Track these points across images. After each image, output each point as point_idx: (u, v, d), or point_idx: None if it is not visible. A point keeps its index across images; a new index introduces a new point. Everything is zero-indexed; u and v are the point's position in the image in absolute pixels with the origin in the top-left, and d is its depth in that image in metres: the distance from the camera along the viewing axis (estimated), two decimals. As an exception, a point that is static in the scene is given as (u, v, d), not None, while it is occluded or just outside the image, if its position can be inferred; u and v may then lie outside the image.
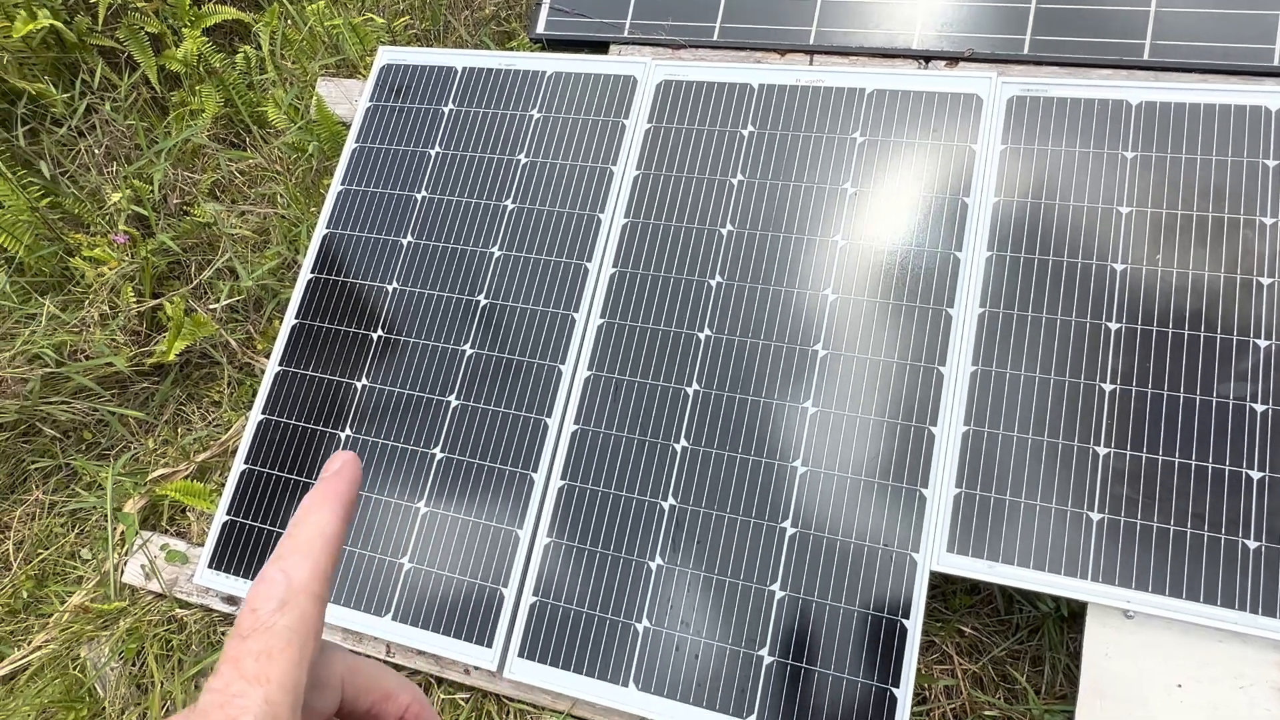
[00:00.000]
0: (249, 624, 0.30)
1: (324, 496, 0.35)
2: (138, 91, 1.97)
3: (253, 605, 0.30)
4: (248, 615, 0.30)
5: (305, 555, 0.32)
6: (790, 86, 1.36)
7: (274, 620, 0.30)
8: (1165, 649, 1.05)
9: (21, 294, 1.75)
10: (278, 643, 0.29)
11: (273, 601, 0.30)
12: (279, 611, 0.30)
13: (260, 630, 0.29)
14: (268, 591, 0.31)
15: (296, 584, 0.31)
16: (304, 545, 0.33)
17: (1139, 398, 1.11)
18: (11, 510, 1.65)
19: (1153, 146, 1.20)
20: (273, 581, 0.31)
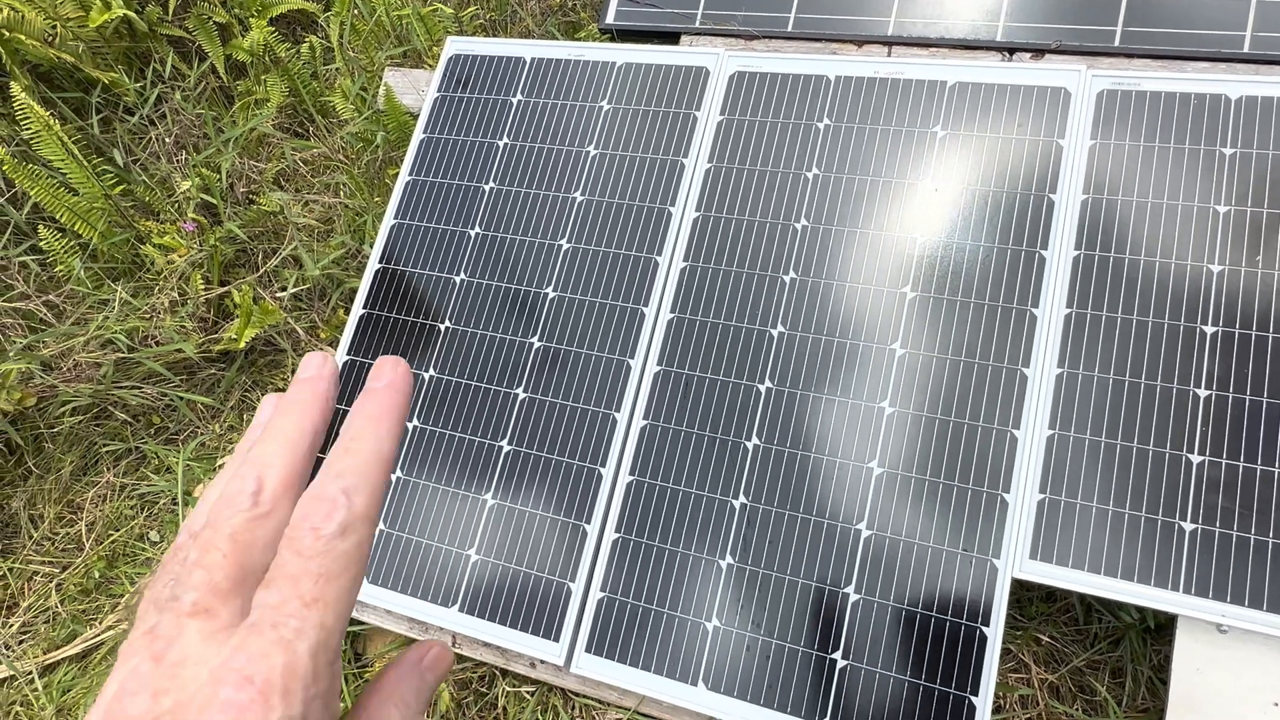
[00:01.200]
0: (310, 544, 0.29)
1: (382, 412, 0.33)
2: (206, 81, 1.99)
3: (313, 524, 0.29)
4: (309, 534, 0.29)
5: (365, 479, 0.31)
6: (868, 79, 1.33)
7: (334, 545, 0.29)
8: (1261, 665, 1.02)
9: (95, 280, 1.78)
10: (336, 567, 0.29)
11: (334, 524, 0.29)
12: (340, 536, 0.29)
13: (321, 553, 0.29)
14: (330, 513, 0.30)
15: (358, 510, 0.30)
16: (363, 467, 0.32)
17: (1236, 404, 1.07)
18: (84, 492, 1.69)
19: (1253, 143, 1.15)
20: (335, 503, 0.30)
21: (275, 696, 0.26)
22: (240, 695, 0.25)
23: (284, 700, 0.26)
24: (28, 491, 1.70)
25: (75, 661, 1.51)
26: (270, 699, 0.26)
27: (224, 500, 0.30)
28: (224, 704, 0.25)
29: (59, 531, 1.67)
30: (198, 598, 0.28)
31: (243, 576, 0.29)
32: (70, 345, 1.69)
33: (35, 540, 1.65)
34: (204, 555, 0.29)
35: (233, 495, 0.30)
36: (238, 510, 0.30)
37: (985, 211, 1.22)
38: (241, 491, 0.30)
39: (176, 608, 0.28)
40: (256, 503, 0.30)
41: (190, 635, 0.27)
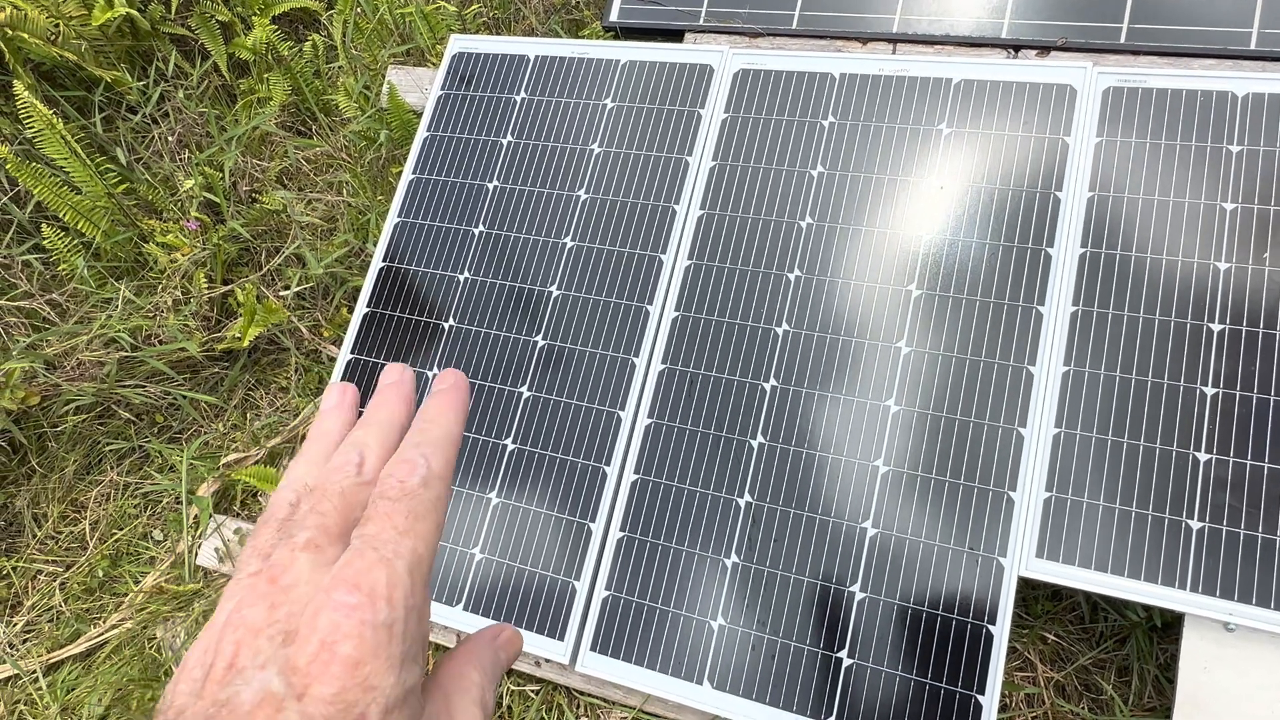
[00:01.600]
0: (397, 490, 0.33)
1: (449, 404, 0.38)
2: (208, 79, 1.99)
3: (399, 477, 0.34)
4: (394, 484, 0.34)
5: (439, 448, 0.36)
6: (873, 76, 1.33)
7: (419, 493, 0.34)
8: (1269, 663, 1.01)
9: (98, 278, 1.78)
10: (421, 509, 0.33)
11: (418, 477, 0.34)
12: (423, 486, 0.34)
13: (409, 496, 0.33)
14: (411, 469, 0.34)
15: (436, 469, 0.35)
16: (438, 440, 0.36)
17: (1244, 402, 1.07)
18: (88, 490, 1.68)
19: (1260, 140, 1.15)
20: (415, 463, 0.35)
21: (381, 601, 0.30)
22: (350, 598, 0.29)
23: (388, 604, 0.30)
24: (31, 490, 1.70)
25: (79, 660, 1.51)
26: (376, 602, 0.29)
27: (332, 468, 0.35)
28: (336, 604, 0.29)
29: (62, 530, 1.67)
30: (311, 535, 0.32)
31: (347, 527, 0.33)
32: (74, 344, 1.69)
33: (39, 539, 1.65)
34: (317, 504, 0.34)
35: (340, 464, 0.35)
36: (346, 476, 0.35)
37: (991, 209, 1.22)
38: (348, 462, 0.35)
39: (291, 543, 0.32)
40: (360, 472, 0.35)
41: (301, 563, 0.31)
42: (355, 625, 0.29)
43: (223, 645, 0.30)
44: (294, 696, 0.28)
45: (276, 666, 0.28)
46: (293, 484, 0.36)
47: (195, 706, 0.29)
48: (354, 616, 0.29)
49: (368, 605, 0.29)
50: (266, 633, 0.29)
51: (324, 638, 0.28)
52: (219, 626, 0.30)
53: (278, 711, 0.27)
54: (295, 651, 0.29)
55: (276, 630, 0.29)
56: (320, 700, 0.28)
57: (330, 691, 0.28)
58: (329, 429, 0.40)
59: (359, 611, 0.29)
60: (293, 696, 0.28)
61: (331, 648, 0.28)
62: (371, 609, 0.29)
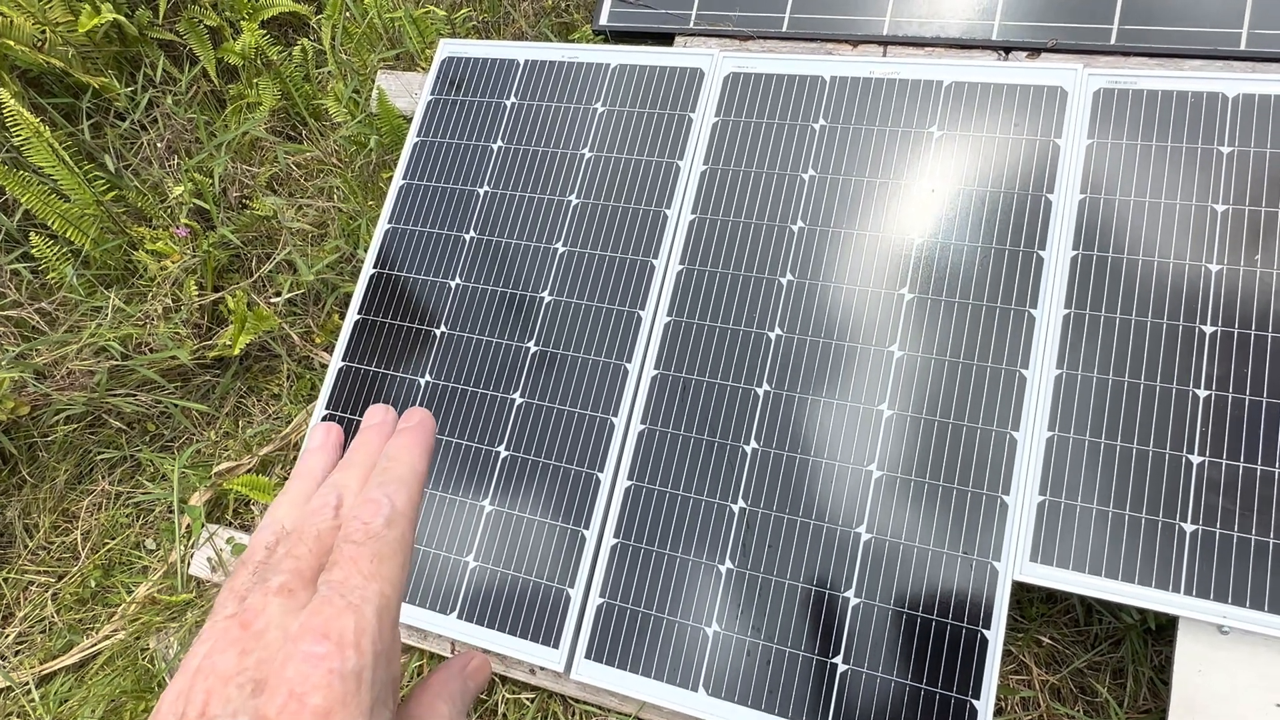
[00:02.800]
0: (362, 533, 0.34)
1: (413, 441, 0.39)
2: (197, 85, 1.98)
3: (363, 519, 0.35)
4: (359, 526, 0.34)
5: (404, 486, 0.37)
6: (864, 79, 1.33)
7: (383, 533, 0.34)
8: (1262, 666, 1.01)
9: (88, 287, 1.77)
10: (387, 550, 0.34)
11: (381, 518, 0.35)
12: (386, 527, 0.35)
13: (373, 539, 0.34)
14: (376, 510, 0.35)
15: (399, 507, 0.36)
16: (402, 477, 0.37)
17: (1236, 404, 1.07)
18: (79, 500, 1.68)
19: (1251, 141, 1.15)
20: (379, 503, 0.35)
21: (349, 649, 0.30)
22: (318, 648, 0.30)
23: (356, 652, 0.30)
24: (22, 500, 1.69)
25: (72, 671, 1.50)
26: (344, 650, 0.30)
27: (310, 511, 0.36)
28: (305, 655, 0.29)
29: (54, 540, 1.66)
30: (285, 580, 0.33)
31: (320, 569, 0.34)
32: (63, 353, 1.68)
33: (30, 549, 1.64)
34: (293, 548, 0.34)
35: (318, 507, 0.36)
36: (323, 518, 0.36)
37: (982, 212, 1.22)
38: (326, 505, 0.36)
39: (265, 588, 0.33)
40: (337, 515, 0.36)
41: (273, 609, 0.32)
42: (323, 675, 0.29)
43: (194, 693, 0.30)
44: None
45: (247, 716, 0.29)
46: (272, 525, 0.37)
47: None
48: (322, 666, 0.29)
49: (336, 654, 0.30)
50: (236, 680, 0.30)
51: (293, 688, 0.29)
52: (191, 673, 0.31)
53: None
54: (265, 702, 0.29)
55: (246, 679, 0.30)
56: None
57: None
58: (312, 468, 0.40)
59: (327, 661, 0.29)
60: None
61: (301, 699, 0.29)
62: (340, 657, 0.30)
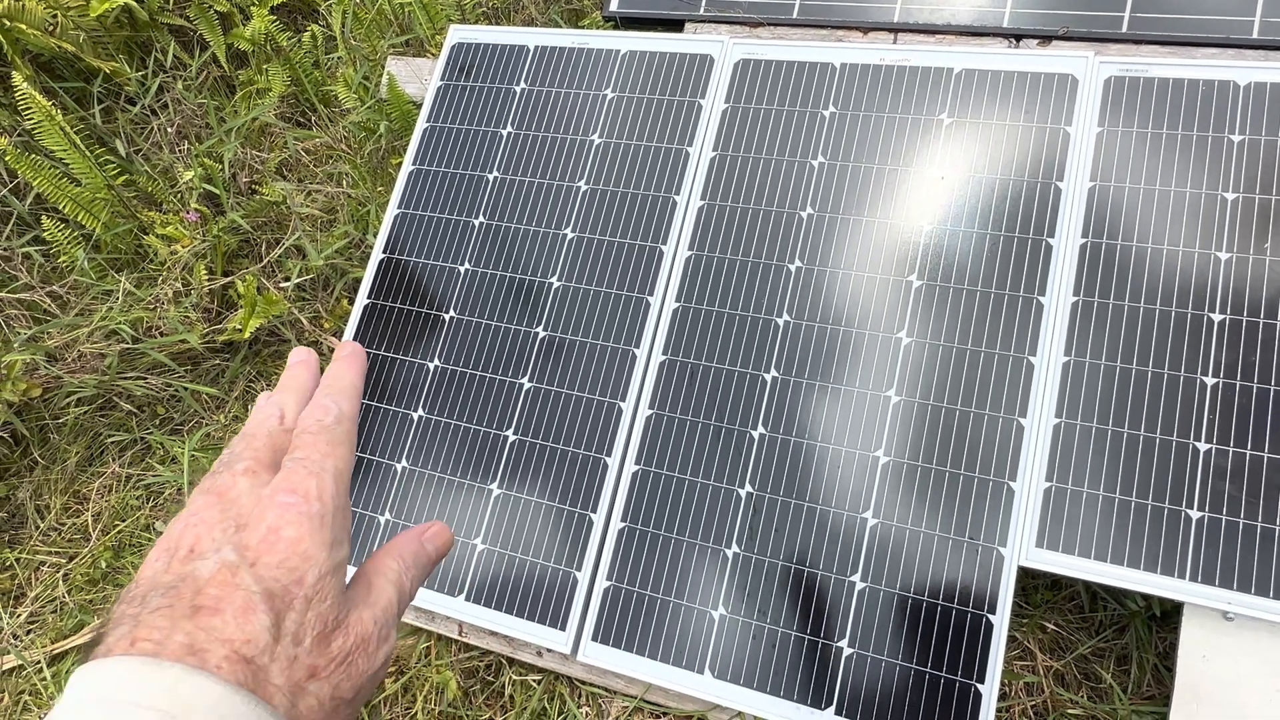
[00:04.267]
0: (316, 426, 0.42)
1: (350, 365, 0.48)
2: (207, 70, 1.99)
3: (316, 417, 0.43)
4: (313, 422, 0.42)
5: (345, 395, 0.45)
6: (874, 66, 1.33)
7: (335, 426, 0.43)
8: (1267, 653, 1.02)
9: (99, 271, 1.78)
10: (338, 438, 0.42)
11: (330, 417, 0.43)
12: (336, 424, 0.43)
13: (326, 430, 0.42)
14: (326, 411, 0.43)
15: (345, 410, 0.44)
16: (344, 389, 0.46)
17: (1244, 392, 1.07)
18: (90, 482, 1.69)
19: (1262, 130, 1.14)
20: (328, 407, 0.44)
21: (313, 499, 0.38)
22: (289, 499, 0.37)
23: (319, 501, 0.38)
24: (34, 482, 1.70)
25: (83, 651, 1.52)
26: (310, 500, 0.38)
27: (258, 421, 0.44)
28: (278, 503, 0.37)
29: (65, 522, 1.67)
30: (248, 464, 0.40)
31: (276, 460, 0.41)
32: (74, 336, 1.69)
33: (42, 531, 1.66)
34: (249, 444, 0.42)
35: (264, 418, 0.44)
36: (272, 425, 0.44)
37: (991, 200, 1.22)
38: (270, 416, 0.44)
39: (231, 471, 0.40)
40: (282, 422, 0.44)
41: (242, 483, 0.39)
42: (295, 515, 0.37)
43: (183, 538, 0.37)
44: (247, 564, 0.35)
45: (231, 546, 0.36)
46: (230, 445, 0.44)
47: (162, 579, 0.35)
48: (293, 510, 0.37)
49: (303, 502, 0.37)
50: (220, 525, 0.37)
51: (270, 525, 0.36)
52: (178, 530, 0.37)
53: (233, 575, 0.35)
54: (247, 535, 0.36)
55: (229, 524, 0.37)
56: (268, 565, 0.36)
57: (276, 559, 0.36)
58: None
59: (296, 507, 0.37)
60: (246, 564, 0.35)
61: (276, 531, 0.36)
62: (306, 505, 0.37)
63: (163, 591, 0.34)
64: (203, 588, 0.34)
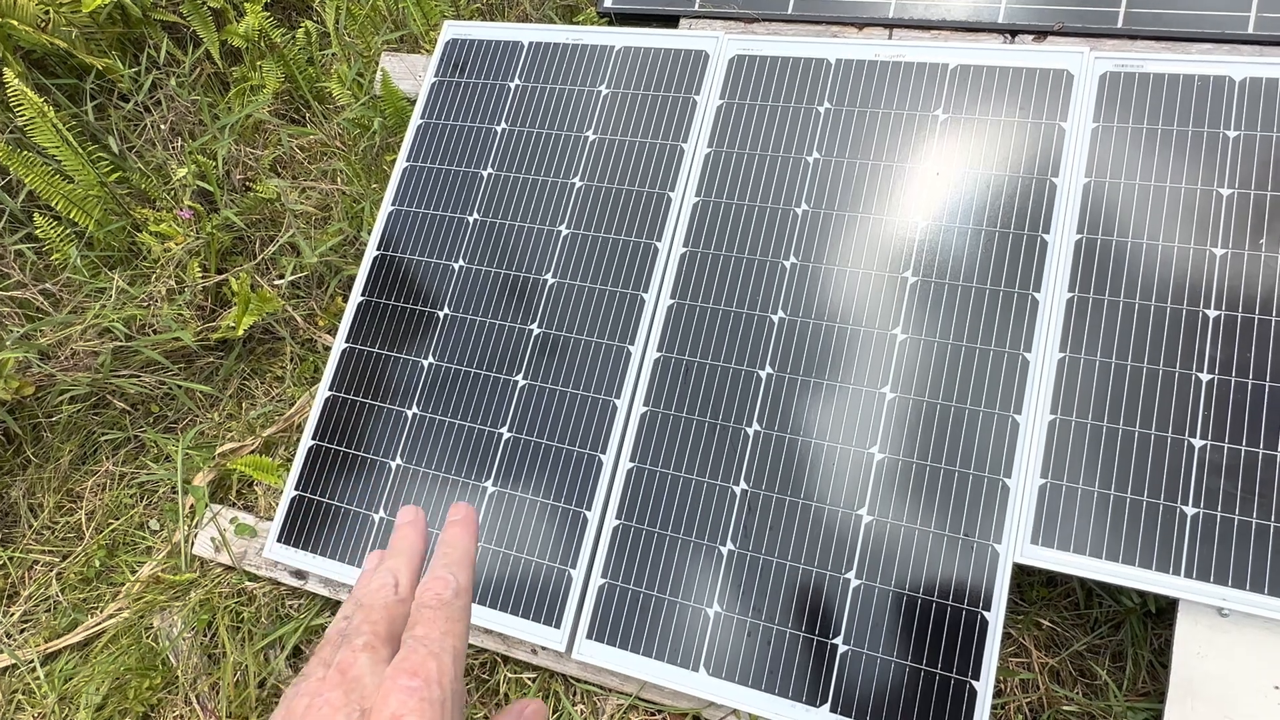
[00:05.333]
0: (436, 601, 0.42)
1: (465, 531, 0.48)
2: (201, 67, 1.98)
3: (436, 591, 0.43)
4: (432, 596, 0.43)
5: (462, 567, 0.46)
6: (869, 61, 1.32)
7: (452, 603, 0.43)
8: (1262, 649, 1.02)
9: (91, 268, 1.77)
10: (456, 614, 0.42)
11: (450, 591, 0.43)
12: (455, 598, 0.43)
13: (445, 605, 0.42)
14: (445, 585, 0.44)
15: (463, 583, 0.44)
16: (460, 560, 0.46)
17: (1238, 388, 1.07)
18: (83, 480, 1.68)
19: (1257, 125, 1.14)
20: (447, 580, 0.44)
21: (434, 684, 0.38)
22: (412, 683, 0.37)
23: (440, 686, 0.38)
24: (27, 480, 1.69)
25: (77, 650, 1.51)
26: (431, 685, 0.38)
27: (373, 591, 0.44)
28: (402, 689, 0.37)
29: (59, 520, 1.66)
30: (367, 640, 0.40)
31: (393, 634, 0.42)
32: (67, 334, 1.68)
33: (35, 529, 1.65)
34: (368, 615, 0.42)
35: (379, 587, 0.44)
36: (387, 595, 0.44)
37: (987, 195, 1.22)
38: (385, 585, 0.44)
39: (351, 646, 0.40)
40: (396, 592, 0.44)
41: (363, 661, 0.39)
42: (417, 702, 0.37)
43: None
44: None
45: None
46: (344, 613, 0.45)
47: None
48: (415, 695, 0.37)
49: (424, 687, 0.37)
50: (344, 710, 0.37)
51: (394, 712, 0.36)
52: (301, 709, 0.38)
53: None
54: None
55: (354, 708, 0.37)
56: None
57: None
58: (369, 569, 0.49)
59: (419, 692, 0.37)
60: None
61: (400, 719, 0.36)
62: (428, 690, 0.37)
63: None
64: None
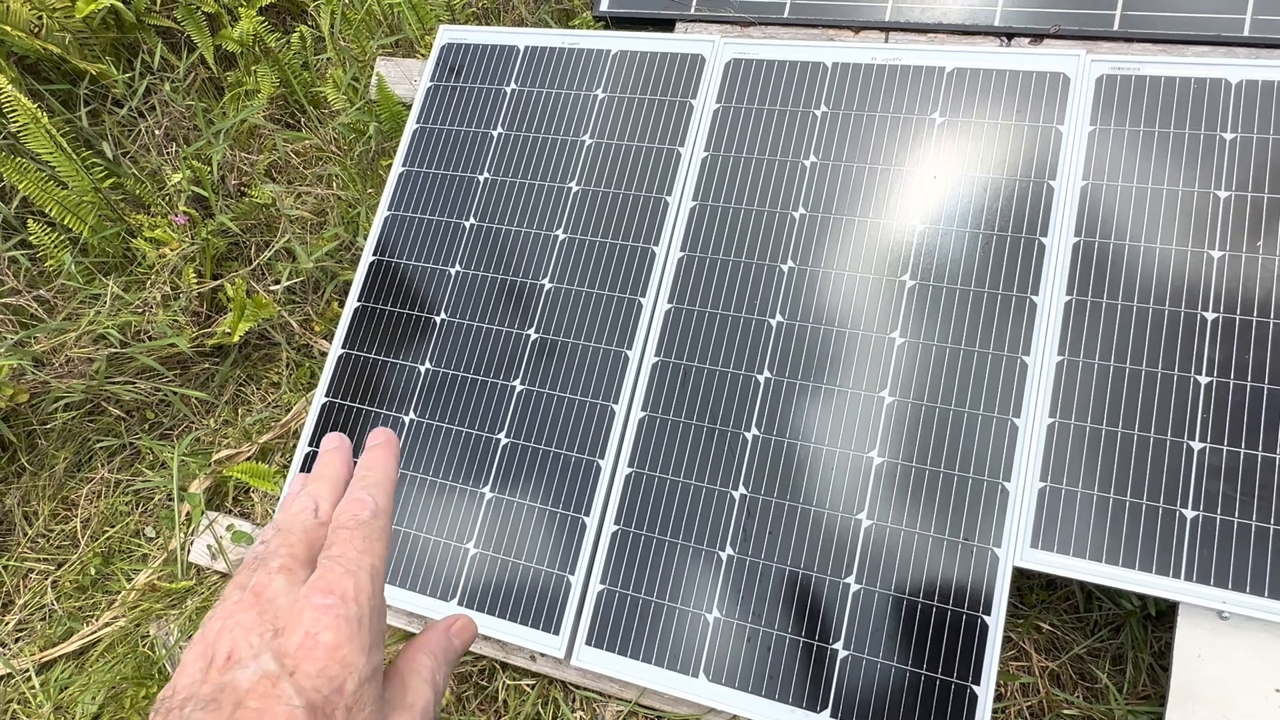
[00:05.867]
0: (352, 521, 0.42)
1: (385, 455, 0.47)
2: (195, 72, 1.97)
3: (353, 512, 0.43)
4: (349, 517, 0.42)
5: (381, 489, 0.45)
6: (865, 65, 1.32)
7: (369, 523, 0.42)
8: (1263, 652, 1.02)
9: (86, 274, 1.76)
10: (374, 534, 0.42)
11: (367, 512, 0.43)
12: (373, 518, 0.43)
13: (362, 526, 0.42)
14: (362, 506, 0.43)
15: (381, 504, 0.44)
16: (379, 482, 0.45)
17: (1237, 391, 1.07)
18: (79, 488, 1.67)
19: (1254, 127, 1.14)
20: (364, 500, 0.44)
21: (350, 601, 0.38)
22: (327, 600, 0.37)
23: (356, 603, 0.38)
24: (21, 488, 1.68)
25: (72, 659, 1.51)
26: (348, 602, 0.37)
27: (293, 514, 0.43)
28: (316, 605, 0.37)
29: (54, 528, 1.65)
30: (283, 562, 0.40)
31: (311, 556, 0.41)
32: (62, 340, 1.68)
33: (30, 537, 1.64)
34: (285, 539, 0.41)
35: (300, 510, 0.44)
36: (306, 519, 0.43)
37: (984, 199, 1.22)
38: (305, 509, 0.44)
39: (267, 568, 0.39)
40: (316, 515, 0.43)
41: (279, 582, 0.39)
42: (332, 619, 0.36)
43: (219, 642, 0.36)
44: (287, 673, 0.35)
45: (270, 653, 0.35)
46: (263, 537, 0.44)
47: (200, 690, 0.35)
48: (330, 613, 0.37)
49: (340, 604, 0.37)
50: (257, 630, 0.36)
51: (308, 629, 0.36)
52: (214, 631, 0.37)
53: (274, 685, 0.34)
54: (285, 641, 0.36)
55: (266, 627, 0.36)
56: (308, 675, 0.35)
57: (316, 668, 0.35)
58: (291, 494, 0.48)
59: (334, 609, 0.37)
60: (285, 674, 0.35)
61: (314, 637, 0.36)
62: (344, 607, 0.37)
63: (202, 704, 0.34)
64: (243, 700, 0.34)
